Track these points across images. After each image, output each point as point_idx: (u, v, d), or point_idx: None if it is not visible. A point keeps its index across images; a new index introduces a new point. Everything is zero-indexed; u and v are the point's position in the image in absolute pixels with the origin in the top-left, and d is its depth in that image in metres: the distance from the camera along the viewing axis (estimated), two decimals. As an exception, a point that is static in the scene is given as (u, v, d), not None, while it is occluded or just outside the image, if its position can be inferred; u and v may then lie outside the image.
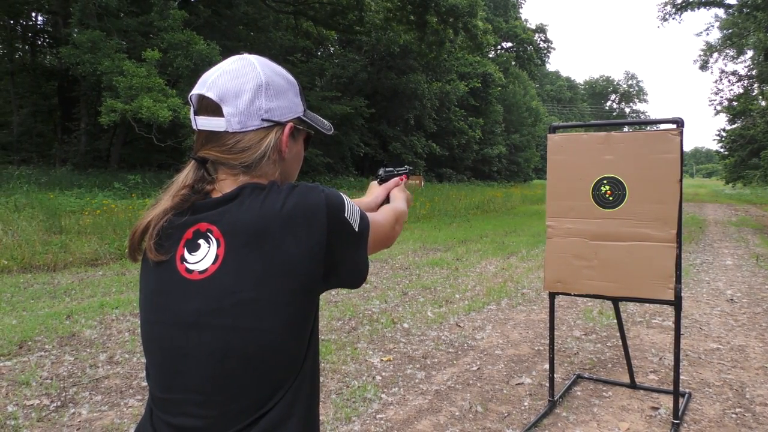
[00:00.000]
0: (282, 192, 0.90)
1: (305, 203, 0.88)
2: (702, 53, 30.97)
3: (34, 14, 20.73)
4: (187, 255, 0.89)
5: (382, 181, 1.49)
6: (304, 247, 0.86)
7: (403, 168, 1.52)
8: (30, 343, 4.28)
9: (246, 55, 0.98)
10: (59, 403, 3.26)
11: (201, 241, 0.89)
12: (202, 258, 0.88)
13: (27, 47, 21.40)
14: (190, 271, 0.88)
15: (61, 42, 16.85)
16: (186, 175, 0.96)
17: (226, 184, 0.94)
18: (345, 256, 0.92)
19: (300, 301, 0.88)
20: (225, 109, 0.91)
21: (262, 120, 0.93)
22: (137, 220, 0.96)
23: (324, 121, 1.09)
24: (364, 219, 0.98)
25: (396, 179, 1.48)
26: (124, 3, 15.04)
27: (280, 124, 0.95)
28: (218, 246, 0.87)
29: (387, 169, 1.51)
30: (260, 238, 0.85)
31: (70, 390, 3.45)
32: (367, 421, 3.10)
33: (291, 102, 0.98)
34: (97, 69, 13.84)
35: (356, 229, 0.94)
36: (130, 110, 13.26)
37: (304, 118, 1.01)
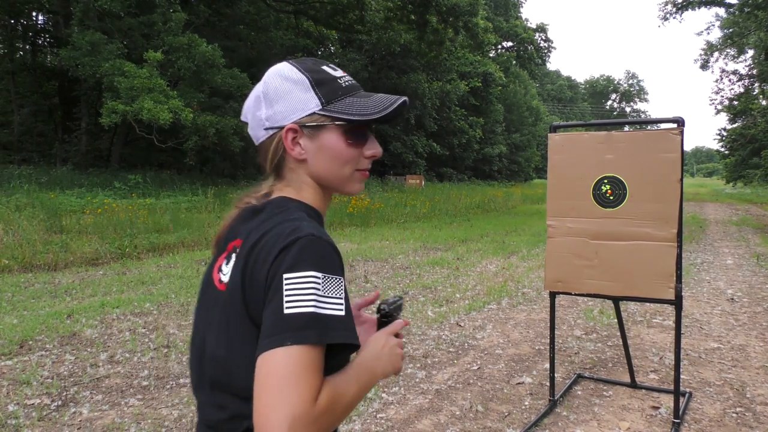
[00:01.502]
0: (292, 221, 0.87)
1: (284, 240, 0.83)
2: (703, 52, 30.95)
3: (34, 14, 20.76)
4: (223, 266, 0.95)
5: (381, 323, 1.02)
6: (262, 285, 0.83)
7: (396, 303, 1.04)
8: (31, 342, 4.29)
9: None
10: (60, 403, 3.27)
11: (233, 255, 0.93)
12: (229, 271, 0.92)
13: (28, 47, 21.43)
14: (221, 282, 0.93)
15: (61, 42, 16.87)
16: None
17: (269, 191, 1.01)
18: (265, 315, 0.81)
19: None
20: (248, 127, 1.01)
21: (265, 129, 0.97)
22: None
23: (371, 103, 0.94)
24: (307, 323, 0.76)
25: (396, 325, 1.00)
26: (126, 5, 15.01)
27: (283, 128, 0.95)
28: (236, 260, 0.91)
29: (384, 308, 1.03)
30: (251, 260, 0.86)
31: (70, 389, 3.46)
32: (368, 421, 3.10)
33: (295, 102, 0.94)
34: (97, 71, 13.83)
35: (283, 309, 0.77)
36: (131, 111, 13.26)
37: (322, 113, 0.93)
